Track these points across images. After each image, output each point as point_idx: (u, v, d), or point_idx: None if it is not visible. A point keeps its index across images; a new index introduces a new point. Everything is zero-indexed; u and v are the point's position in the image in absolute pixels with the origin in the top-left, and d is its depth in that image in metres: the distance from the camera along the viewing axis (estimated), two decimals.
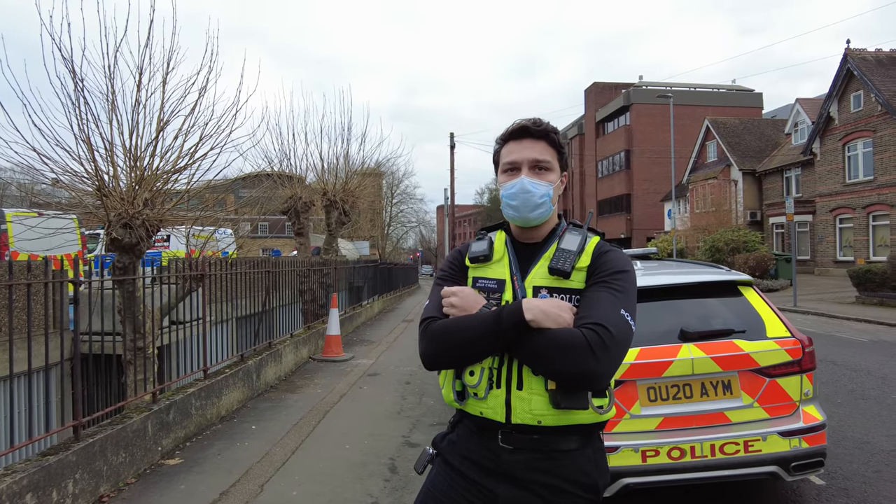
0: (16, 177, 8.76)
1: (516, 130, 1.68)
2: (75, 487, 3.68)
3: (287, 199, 12.06)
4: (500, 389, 1.54)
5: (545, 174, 1.65)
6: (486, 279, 1.66)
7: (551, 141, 1.67)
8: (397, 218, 48.98)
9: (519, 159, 1.66)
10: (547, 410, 1.49)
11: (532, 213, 1.63)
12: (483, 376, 1.55)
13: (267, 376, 7.40)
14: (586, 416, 1.51)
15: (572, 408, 1.47)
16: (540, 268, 1.61)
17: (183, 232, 7.39)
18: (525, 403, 1.51)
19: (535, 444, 1.52)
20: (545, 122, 1.69)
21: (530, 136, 1.66)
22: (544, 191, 1.63)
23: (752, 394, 3.38)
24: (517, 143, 1.67)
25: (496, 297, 1.61)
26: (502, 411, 1.53)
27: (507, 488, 1.53)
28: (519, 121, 1.70)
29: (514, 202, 1.63)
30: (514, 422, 1.52)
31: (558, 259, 1.58)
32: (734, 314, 3.65)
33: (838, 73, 24.67)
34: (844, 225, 25.31)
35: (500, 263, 1.67)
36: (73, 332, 4.27)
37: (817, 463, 3.38)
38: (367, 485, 4.17)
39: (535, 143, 1.66)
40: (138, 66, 5.29)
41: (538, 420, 1.50)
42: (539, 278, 1.59)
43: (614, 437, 3.31)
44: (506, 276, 1.64)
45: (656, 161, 42.20)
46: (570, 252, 1.58)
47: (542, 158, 1.65)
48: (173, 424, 4.99)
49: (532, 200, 1.62)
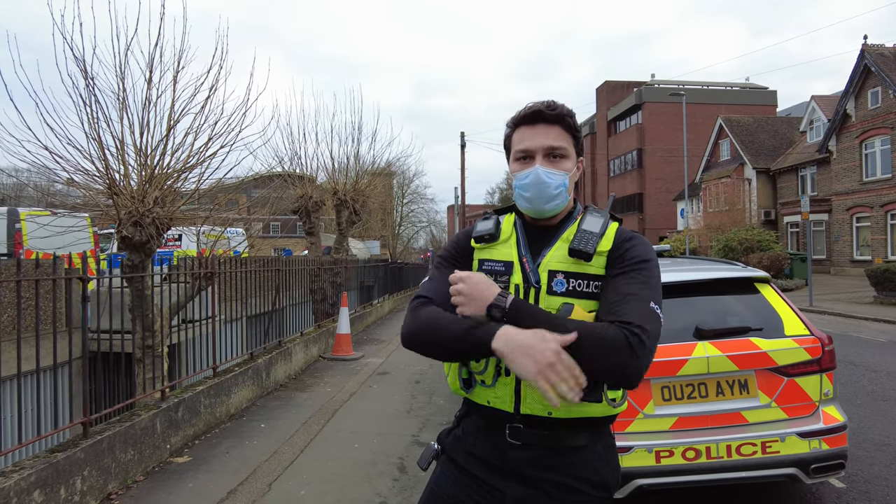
0: (32, 178, 8.87)
1: (529, 115, 1.56)
2: (83, 484, 3.67)
3: (298, 199, 12.06)
4: (509, 377, 1.47)
5: (561, 162, 1.53)
6: (492, 261, 1.57)
7: (567, 125, 1.54)
8: (408, 218, 48.98)
9: (532, 147, 1.54)
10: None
11: (547, 206, 1.52)
12: (489, 363, 1.48)
13: (277, 374, 7.39)
14: (599, 409, 1.44)
15: (586, 400, 1.38)
16: (557, 250, 1.50)
17: (194, 231, 7.40)
18: (536, 393, 1.42)
19: (544, 441, 1.46)
20: (559, 104, 1.56)
21: (544, 120, 1.54)
22: (560, 181, 1.51)
23: (769, 393, 3.29)
24: (530, 129, 1.55)
25: (503, 280, 1.52)
26: (511, 400, 1.46)
27: (514, 487, 1.47)
28: (532, 104, 1.57)
29: (528, 193, 1.53)
30: (523, 412, 1.45)
31: (580, 240, 1.47)
32: (751, 311, 3.56)
33: (855, 70, 24.31)
34: (861, 224, 24.92)
35: (508, 244, 1.57)
36: (82, 330, 4.27)
37: (838, 465, 3.28)
38: (376, 484, 4.13)
39: (549, 129, 1.53)
40: (149, 64, 5.30)
41: (549, 411, 1.43)
42: (556, 262, 1.49)
43: (627, 437, 3.24)
44: (513, 258, 1.54)
45: (669, 160, 41.85)
46: (592, 234, 1.48)
47: (558, 145, 1.53)
48: (182, 422, 4.98)
49: (547, 192, 1.51)
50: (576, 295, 1.45)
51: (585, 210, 1.59)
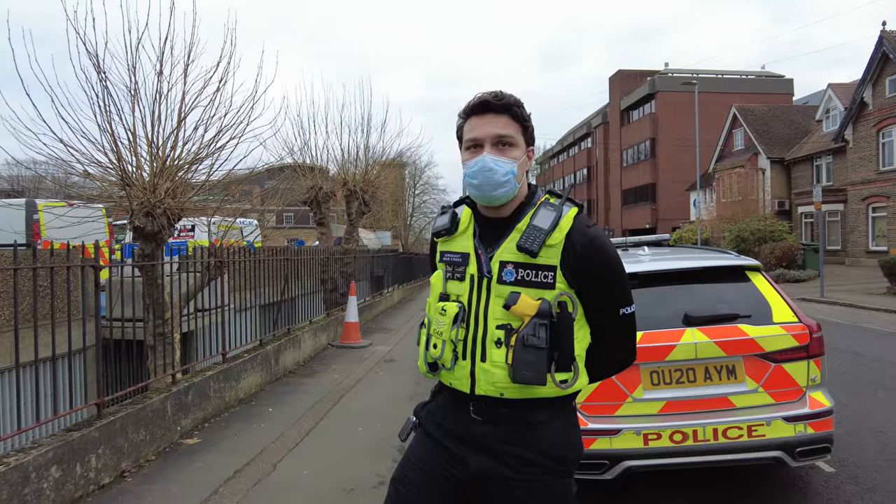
0: (50, 170, 9.10)
1: (477, 105, 1.61)
2: (98, 462, 3.86)
3: (308, 190, 12.21)
4: (465, 361, 1.59)
5: (509, 150, 1.59)
6: (451, 253, 1.68)
7: (514, 115, 1.60)
8: (420, 208, 49.04)
9: (481, 136, 1.59)
10: (508, 383, 1.53)
11: (495, 192, 1.58)
12: (446, 348, 1.60)
13: (286, 361, 7.57)
14: (547, 390, 1.54)
15: (529, 383, 1.50)
16: (510, 241, 1.58)
17: (205, 222, 7.57)
18: (488, 375, 1.55)
19: (503, 417, 1.58)
20: (507, 94, 1.61)
21: (492, 110, 1.59)
22: (507, 168, 1.57)
23: (756, 379, 3.37)
24: (479, 119, 1.60)
25: (461, 271, 1.63)
26: (468, 382, 1.58)
27: (477, 458, 1.59)
28: (480, 94, 1.62)
29: (476, 181, 1.58)
30: (478, 393, 1.57)
31: (527, 238, 1.54)
32: (741, 299, 3.63)
33: (873, 57, 23.88)
34: (878, 214, 24.58)
35: (465, 236, 1.66)
36: (95, 316, 4.45)
37: (823, 449, 3.36)
38: (377, 465, 4.28)
39: (497, 118, 1.59)
40: (159, 57, 5.43)
41: (500, 392, 1.55)
42: (508, 253, 1.58)
43: (616, 420, 3.34)
44: (469, 250, 1.64)
45: (682, 150, 41.45)
46: (540, 230, 1.54)
47: (506, 133, 1.59)
48: (192, 406, 5.17)
49: (494, 179, 1.56)
50: (524, 284, 1.55)
51: (543, 202, 1.63)
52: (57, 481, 3.48)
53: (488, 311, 1.57)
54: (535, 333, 1.50)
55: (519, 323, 1.53)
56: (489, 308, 1.57)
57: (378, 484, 3.94)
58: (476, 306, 1.59)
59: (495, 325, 1.56)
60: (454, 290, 1.64)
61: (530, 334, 1.50)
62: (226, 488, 3.93)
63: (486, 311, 1.57)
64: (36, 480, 3.31)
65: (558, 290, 1.55)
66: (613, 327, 1.64)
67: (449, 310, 1.60)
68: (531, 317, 1.51)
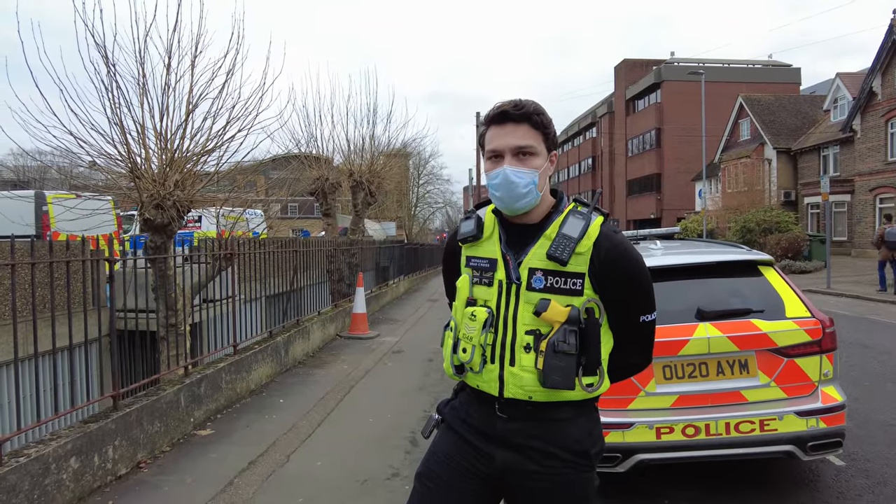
0: (56, 160, 9.12)
1: (496, 115, 1.62)
2: (115, 453, 3.91)
3: (314, 181, 12.21)
4: (494, 365, 1.61)
5: (530, 160, 1.60)
6: (478, 258, 1.69)
7: (535, 123, 1.60)
8: (424, 199, 49.02)
9: (501, 147, 1.60)
10: (537, 387, 1.56)
11: (518, 203, 1.60)
12: (475, 353, 1.62)
13: (295, 352, 7.62)
14: (574, 394, 1.58)
15: (558, 388, 1.54)
16: (539, 248, 1.60)
17: (213, 213, 7.59)
18: (517, 379, 1.58)
19: (529, 415, 1.61)
20: (527, 101, 1.62)
21: (511, 120, 1.60)
22: (529, 179, 1.58)
23: (769, 373, 3.38)
24: (499, 129, 1.62)
25: (488, 277, 1.65)
26: (496, 385, 1.61)
27: (503, 452, 1.62)
28: (499, 104, 1.63)
29: (499, 193, 1.61)
30: (506, 396, 1.60)
31: (557, 246, 1.56)
32: (753, 294, 3.63)
33: (883, 45, 23.60)
34: (885, 205, 24.35)
35: (491, 241, 1.68)
36: (109, 309, 4.48)
37: (835, 443, 3.38)
38: (389, 456, 4.32)
39: (516, 128, 1.60)
40: (167, 49, 5.42)
41: (529, 395, 1.58)
42: (537, 259, 1.60)
43: (629, 414, 3.37)
44: (497, 255, 1.65)
45: (688, 140, 41.21)
46: (570, 239, 1.56)
47: (525, 144, 1.59)
48: (204, 397, 5.22)
49: (516, 191, 1.58)
50: (553, 291, 1.58)
51: (571, 210, 1.64)
52: (76, 472, 3.53)
53: (517, 317, 1.59)
54: (566, 339, 1.52)
55: (548, 328, 1.56)
56: (518, 313, 1.59)
57: (391, 475, 3.98)
58: (504, 311, 1.61)
59: (524, 330, 1.58)
60: (481, 295, 1.66)
61: (560, 340, 1.53)
62: (241, 479, 3.98)
63: (515, 316, 1.60)
64: (56, 471, 3.36)
65: (586, 296, 1.58)
66: (634, 333, 1.67)
67: (479, 315, 1.62)
68: (561, 323, 1.54)
